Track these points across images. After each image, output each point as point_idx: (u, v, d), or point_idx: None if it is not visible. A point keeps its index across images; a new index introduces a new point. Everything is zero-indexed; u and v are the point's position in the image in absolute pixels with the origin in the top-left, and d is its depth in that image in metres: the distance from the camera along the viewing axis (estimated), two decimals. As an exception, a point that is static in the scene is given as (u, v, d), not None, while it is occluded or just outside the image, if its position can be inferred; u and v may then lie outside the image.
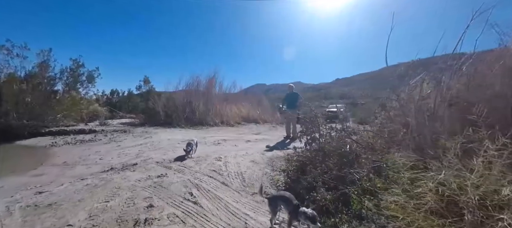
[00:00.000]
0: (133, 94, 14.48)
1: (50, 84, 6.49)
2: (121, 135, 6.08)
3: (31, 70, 6.24)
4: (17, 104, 5.73)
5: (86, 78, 7.56)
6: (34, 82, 6.01)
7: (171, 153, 3.68)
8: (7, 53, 6.02)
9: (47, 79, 6.46)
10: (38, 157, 4.26)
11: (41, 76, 6.21)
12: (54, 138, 5.73)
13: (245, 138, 6.28)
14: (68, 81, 6.82)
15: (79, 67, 7.06)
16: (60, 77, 6.64)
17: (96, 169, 2.96)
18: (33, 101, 5.83)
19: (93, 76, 7.58)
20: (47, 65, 6.49)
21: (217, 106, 10.22)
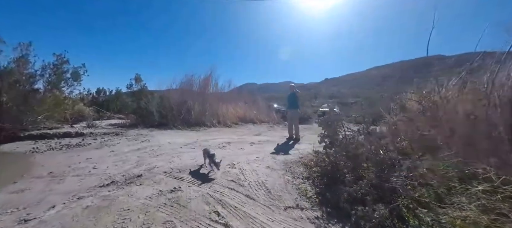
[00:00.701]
0: (121, 93, 13.57)
1: (30, 82, 5.74)
2: (113, 138, 5.50)
3: (7, 66, 5.47)
4: (-11, 105, 4.98)
5: (71, 75, 6.83)
6: (10, 80, 5.26)
7: (177, 160, 3.26)
8: (-24, 46, 5.22)
9: (25, 76, 5.70)
10: (17, 166, 3.65)
11: (18, 73, 5.45)
12: (36, 143, 5.04)
13: (248, 140, 5.93)
14: (51, 78, 6.09)
15: (63, 63, 6.32)
16: (41, 74, 5.90)
17: (93, 182, 2.50)
18: (10, 101, 5.10)
19: (78, 74, 6.86)
20: (26, 60, 5.73)
21: (213, 106, 9.77)
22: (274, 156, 3.87)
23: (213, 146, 4.68)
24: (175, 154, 3.69)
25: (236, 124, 9.83)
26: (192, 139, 5.38)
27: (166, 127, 7.25)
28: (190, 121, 8.30)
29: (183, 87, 10.42)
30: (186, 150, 4.02)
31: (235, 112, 10.98)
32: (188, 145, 4.48)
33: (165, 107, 8.15)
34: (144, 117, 8.07)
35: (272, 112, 12.61)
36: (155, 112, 7.81)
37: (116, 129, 6.86)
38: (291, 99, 6.48)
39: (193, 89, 10.35)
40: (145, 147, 4.32)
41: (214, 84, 10.47)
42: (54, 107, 6.09)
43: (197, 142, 4.98)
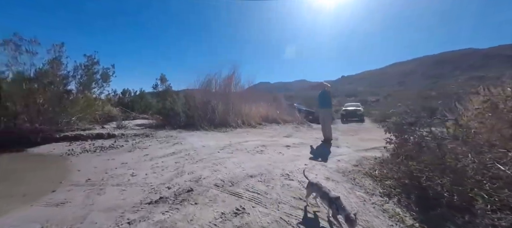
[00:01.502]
0: (145, 94, 13.69)
1: (63, 83, 5.69)
2: (144, 140, 5.28)
3: (41, 67, 5.44)
4: (28, 106, 4.95)
5: (101, 76, 6.76)
6: (45, 81, 5.22)
7: (222, 169, 2.86)
8: (15, 48, 5.22)
9: (59, 77, 5.66)
10: (55, 171, 3.48)
11: (53, 74, 5.41)
12: (70, 145, 4.94)
13: (281, 142, 5.47)
14: (82, 79, 6.03)
15: (94, 64, 6.25)
16: (73, 75, 5.85)
17: (137, 196, 2.16)
18: (46, 103, 5.05)
19: (108, 74, 6.79)
20: (59, 62, 5.70)
21: (236, 106, 9.41)
22: (322, 164, 3.38)
23: (250, 149, 4.27)
24: (216, 160, 3.31)
25: (260, 124, 9.40)
26: (224, 141, 5.02)
27: (193, 128, 6.98)
28: (215, 122, 8.00)
29: (206, 87, 10.17)
30: (226, 155, 3.63)
31: (257, 112, 10.57)
32: (224, 149, 4.10)
33: (191, 107, 7.91)
34: (170, 118, 7.88)
35: (295, 112, 12.04)
36: (181, 112, 7.59)
37: (144, 130, 6.70)
38: (323, 98, 5.94)
39: (216, 89, 10.06)
40: (180, 151, 4.00)
41: (236, 83, 10.07)
42: (86, 108, 6.03)
43: (232, 145, 4.60)
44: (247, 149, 4.22)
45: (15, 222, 1.87)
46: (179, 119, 7.61)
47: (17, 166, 3.79)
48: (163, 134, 5.76)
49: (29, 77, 5.31)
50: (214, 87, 10.02)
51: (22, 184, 2.90)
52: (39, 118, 5.00)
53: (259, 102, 11.50)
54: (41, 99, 5.09)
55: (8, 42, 5.09)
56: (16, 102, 4.95)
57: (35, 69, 5.30)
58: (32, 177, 3.23)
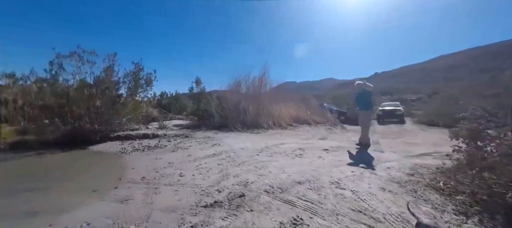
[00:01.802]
0: (179, 95, 14.59)
1: (115, 88, 6.33)
2: (184, 140, 5.58)
3: (98, 75, 6.13)
4: (88, 109, 5.62)
5: (145, 81, 7.35)
6: (102, 87, 5.86)
7: (267, 173, 2.83)
8: (78, 59, 5.97)
9: (112, 83, 6.30)
10: (113, 167, 3.85)
11: (107, 81, 6.05)
12: (122, 144, 5.47)
13: (317, 145, 5.25)
14: (131, 85, 6.63)
15: (139, 70, 6.83)
16: (123, 81, 6.47)
17: (191, 198, 2.24)
18: (102, 106, 5.67)
19: (151, 79, 7.35)
20: (112, 69, 6.35)
21: (267, 107, 9.37)
22: (371, 171, 3.11)
23: (288, 152, 4.16)
24: (258, 164, 3.29)
25: (290, 126, 9.22)
26: (259, 143, 5.01)
27: (226, 129, 7.15)
28: (247, 123, 8.08)
29: (236, 88, 10.33)
30: (266, 159, 3.60)
31: (287, 113, 10.38)
32: (263, 152, 4.08)
33: (224, 108, 8.12)
34: (205, 119, 8.21)
35: (326, 112, 11.53)
36: (215, 114, 7.84)
37: (183, 130, 7.09)
38: (363, 98, 5.45)
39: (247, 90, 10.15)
40: (220, 153, 4.09)
41: (267, 83, 10.01)
42: (133, 110, 6.62)
43: (269, 147, 4.56)
44: (286, 153, 4.12)
45: (91, 216, 2.08)
46: (213, 120, 7.88)
47: (84, 162, 4.31)
48: (201, 135, 6.01)
49: (89, 83, 6.02)
50: (245, 88, 10.14)
51: (90, 180, 3.26)
52: (97, 120, 5.64)
53: (287, 102, 11.30)
54: (99, 103, 5.72)
55: (73, 54, 5.84)
56: (80, 106, 5.65)
57: (94, 77, 6.00)
58: (97, 173, 3.63)
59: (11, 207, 2.34)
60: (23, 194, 2.74)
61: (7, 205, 2.41)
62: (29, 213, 2.24)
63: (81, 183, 3.19)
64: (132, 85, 6.73)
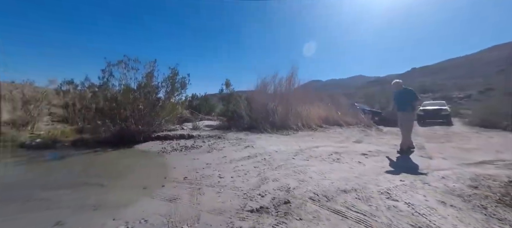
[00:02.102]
0: (208, 97, 15.20)
1: (155, 92, 6.83)
2: (217, 141, 5.77)
3: (141, 80, 6.68)
4: (133, 111, 6.16)
5: (180, 84, 7.78)
6: (144, 91, 6.37)
7: (307, 179, 2.75)
8: (124, 67, 6.58)
9: (152, 87, 6.81)
10: (158, 166, 4.14)
11: (149, 85, 6.56)
12: (162, 143, 5.89)
13: (353, 149, 4.94)
14: (168, 88, 7.09)
15: (175, 75, 7.27)
16: (162, 85, 6.95)
17: (234, 201, 2.28)
18: (145, 109, 6.17)
19: (185, 83, 7.76)
20: (152, 75, 6.86)
21: (295, 108, 9.18)
22: (422, 181, 2.80)
23: (324, 156, 4.00)
24: (295, 168, 3.23)
25: (320, 127, 8.89)
26: (292, 146, 4.92)
27: (256, 130, 7.20)
28: (275, 124, 8.02)
29: (263, 88, 10.33)
30: (303, 163, 3.51)
31: (316, 114, 10.04)
32: (298, 156, 4.00)
33: (253, 109, 8.19)
34: (234, 120, 8.40)
35: (358, 113, 10.86)
36: (245, 115, 7.96)
37: (214, 131, 7.35)
38: (403, 97, 4.91)
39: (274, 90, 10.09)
40: (255, 155, 4.12)
41: (295, 84, 9.79)
42: (170, 112, 7.07)
43: (303, 150, 4.45)
44: (321, 157, 3.97)
45: (146, 213, 2.25)
46: (242, 121, 8.01)
47: (132, 160, 4.73)
48: (233, 137, 6.15)
49: (133, 88, 6.60)
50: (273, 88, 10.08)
51: (139, 177, 3.55)
52: (140, 121, 6.16)
53: (315, 102, 10.92)
54: (142, 106, 6.23)
55: (120, 62, 6.47)
56: (126, 108, 6.23)
57: (137, 82, 6.55)
58: (144, 171, 3.94)
59: (80, 201, 2.66)
60: (87, 188, 3.10)
61: (77, 198, 2.74)
62: (94, 206, 2.51)
63: (132, 180, 3.49)
64: (169, 89, 7.19)
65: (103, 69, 6.39)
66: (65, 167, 4.25)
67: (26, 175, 3.79)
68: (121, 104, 6.31)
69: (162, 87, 7.01)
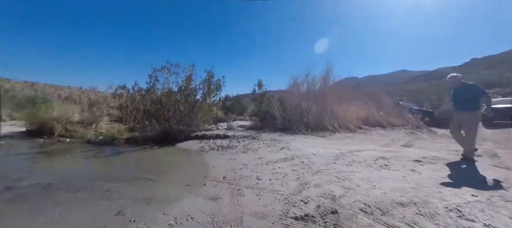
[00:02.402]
0: (240, 97, 15.58)
1: (193, 94, 7.24)
2: (252, 142, 5.81)
3: (181, 83, 7.16)
4: (175, 112, 6.64)
5: (215, 86, 8.09)
6: (184, 94, 6.82)
7: (354, 186, 2.52)
8: (167, 71, 7.15)
9: (191, 90, 7.24)
10: (198, 164, 4.35)
11: (188, 88, 6.98)
12: (200, 142, 6.21)
13: (403, 154, 4.39)
14: (205, 90, 7.45)
15: (211, 77, 7.59)
16: (200, 88, 7.34)
17: (276, 206, 2.22)
18: (185, 110, 6.59)
19: (220, 85, 8.04)
20: (191, 78, 7.30)
21: (331, 107, 8.68)
22: (504, 198, 2.29)
23: (370, 161, 3.64)
24: (338, 173, 3.00)
25: (359, 128, 8.21)
26: (331, 149, 4.63)
27: (290, 131, 7.03)
28: (310, 125, 7.71)
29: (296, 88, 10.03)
30: (345, 168, 3.25)
31: (355, 114, 9.32)
32: (339, 160, 3.73)
33: (286, 110, 8.03)
34: (267, 120, 8.37)
35: (405, 113, 9.71)
36: (278, 115, 7.86)
37: (247, 131, 7.45)
38: (463, 94, 4.08)
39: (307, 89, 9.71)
40: (292, 158, 4.00)
41: (331, 82, 9.25)
42: (207, 112, 7.41)
43: (344, 154, 4.14)
44: (366, 162, 3.62)
45: (192, 210, 2.35)
46: (275, 122, 7.93)
47: (175, 158, 5.08)
48: (267, 137, 6.12)
49: (174, 91, 7.13)
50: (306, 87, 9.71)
51: (182, 174, 3.77)
52: (181, 121, 6.60)
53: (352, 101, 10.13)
54: (182, 107, 6.68)
55: (164, 68, 7.05)
56: (169, 110, 6.76)
57: (178, 85, 7.06)
58: (186, 168, 4.18)
59: (135, 193, 2.93)
60: (139, 182, 3.41)
61: (132, 191, 3.04)
62: (146, 199, 2.74)
63: (176, 176, 3.73)
64: (205, 90, 7.55)
65: (150, 74, 7.06)
66: (121, 162, 4.80)
67: (92, 168, 4.40)
68: (165, 106, 6.88)
69: (199, 89, 7.40)
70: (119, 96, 10.73)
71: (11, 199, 2.65)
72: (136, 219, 2.15)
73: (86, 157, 5.07)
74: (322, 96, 8.73)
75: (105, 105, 9.36)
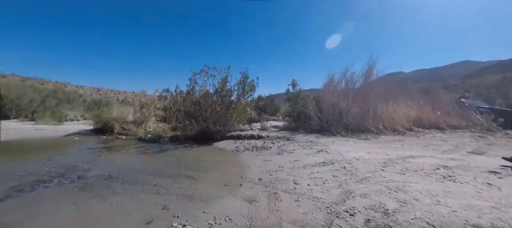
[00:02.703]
0: (273, 97, 15.46)
1: (229, 95, 7.45)
2: (287, 143, 5.65)
3: (217, 85, 7.44)
4: (212, 113, 6.94)
5: (249, 87, 8.17)
6: (221, 95, 7.07)
7: (411, 200, 2.16)
8: (205, 74, 7.52)
9: (227, 91, 7.45)
10: (234, 164, 4.43)
11: (224, 90, 7.22)
12: (235, 142, 6.35)
13: (470, 162, 3.63)
14: (239, 92, 7.60)
15: (245, 78, 7.70)
16: (235, 89, 7.52)
17: (315, 213, 2.05)
18: (221, 110, 6.83)
19: (254, 85, 8.09)
20: (227, 80, 7.52)
21: (374, 107, 7.84)
22: None
23: (427, 170, 3.11)
24: (390, 183, 2.64)
25: (410, 130, 7.21)
26: (378, 154, 4.15)
27: (327, 133, 6.61)
28: (350, 126, 7.11)
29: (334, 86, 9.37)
30: (398, 177, 2.84)
31: (404, 114, 8.22)
32: (389, 167, 3.30)
33: (323, 110, 7.59)
34: (301, 121, 8.07)
35: (470, 113, 8.14)
36: (313, 116, 7.49)
37: (281, 132, 7.31)
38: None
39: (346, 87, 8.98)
40: (331, 162, 3.72)
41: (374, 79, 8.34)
42: (242, 113, 7.54)
43: (393, 160, 3.65)
44: (424, 171, 3.10)
45: (230, 211, 2.36)
46: (311, 123, 7.57)
47: (213, 156, 5.29)
48: (302, 139, 5.88)
49: (211, 93, 7.45)
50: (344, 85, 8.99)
51: (220, 174, 3.87)
52: (218, 122, 6.87)
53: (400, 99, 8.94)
54: (218, 108, 6.93)
55: (202, 71, 7.45)
56: (206, 110, 7.10)
57: (215, 87, 7.36)
58: (223, 168, 4.28)
59: (179, 190, 3.12)
60: (182, 179, 3.63)
61: (176, 187, 3.24)
62: (189, 196, 2.87)
63: (214, 175, 3.85)
64: (240, 91, 7.69)
65: (190, 78, 7.55)
66: (166, 158, 5.23)
67: (143, 163, 4.91)
68: (203, 107, 7.26)
69: (234, 91, 7.58)
70: (163, 98, 11.87)
71: (82, 187, 3.12)
72: (179, 215, 2.27)
73: (137, 153, 5.70)
74: (364, 95, 7.96)
75: (152, 106, 10.43)
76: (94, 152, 5.60)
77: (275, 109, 14.47)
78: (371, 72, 8.21)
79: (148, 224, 2.13)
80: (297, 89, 10.44)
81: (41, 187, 3.14)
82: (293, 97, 10.39)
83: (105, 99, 20.17)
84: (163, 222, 2.14)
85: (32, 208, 2.47)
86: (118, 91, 35.00)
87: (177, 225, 2.06)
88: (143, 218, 2.23)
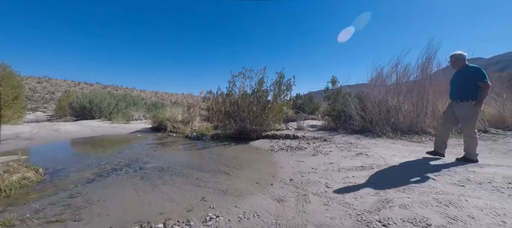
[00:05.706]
0: (312, 95, 14.90)
1: (265, 95, 7.61)
2: (323, 144, 5.44)
3: (254, 86, 7.70)
4: (249, 113, 7.23)
5: (285, 87, 8.14)
6: (257, 95, 7.30)
7: (463, 217, 1.85)
8: (242, 76, 7.89)
9: (263, 92, 7.64)
10: (267, 163, 4.55)
11: (260, 90, 7.42)
12: (270, 142, 6.47)
13: None
14: (275, 92, 7.67)
15: (282, 78, 7.72)
16: (271, 89, 7.64)
17: (343, 219, 1.98)
18: (257, 110, 7.05)
19: (290, 85, 8.03)
20: (263, 80, 7.71)
21: (437, 104, 6.68)
22: None
23: (501, 185, 2.53)
24: (439, 194, 2.29)
25: (484, 132, 5.88)
26: (431, 160, 3.59)
27: (371, 134, 6.03)
28: (400, 127, 6.29)
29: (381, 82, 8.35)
30: (452, 189, 2.43)
31: (476, 112, 6.71)
32: (443, 176, 2.83)
33: (367, 109, 6.94)
34: (342, 121, 7.57)
35: None
36: (355, 114, 6.93)
37: (319, 132, 7.04)
38: (460, 80, 3.19)
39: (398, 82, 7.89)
40: (371, 167, 3.43)
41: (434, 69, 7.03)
42: (277, 113, 7.60)
43: (451, 170, 3.10)
44: (492, 184, 2.54)
45: (258, 208, 2.49)
46: (352, 122, 7.03)
47: (248, 155, 5.55)
48: (341, 140, 5.54)
49: (248, 94, 7.76)
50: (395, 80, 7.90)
51: (252, 171, 4.05)
52: (254, 121, 7.12)
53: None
54: (255, 108, 7.18)
55: (240, 73, 7.85)
56: (244, 111, 7.44)
57: (252, 88, 7.64)
58: (256, 166, 4.45)
59: (216, 184, 3.45)
60: (219, 175, 3.97)
61: (214, 181, 3.58)
62: (223, 191, 3.15)
63: (248, 173, 4.06)
64: (276, 92, 7.76)
65: (229, 80, 8.06)
66: (207, 155, 5.76)
67: (188, 158, 5.55)
68: (240, 107, 7.64)
69: (270, 91, 7.70)
70: (207, 99, 12.96)
71: (142, 176, 3.79)
72: (214, 207, 2.54)
73: (185, 149, 6.45)
74: (420, 89, 6.87)
75: (197, 107, 11.55)
76: (151, 147, 6.61)
77: (314, 108, 13.93)
78: (430, 63, 6.99)
79: (189, 211, 2.47)
80: (337, 86, 9.79)
81: (114, 174, 3.96)
82: (332, 95, 9.80)
83: (161, 101, 23.29)
84: (201, 212, 2.44)
85: (106, 190, 3.17)
86: (171, 93, 39.90)
87: (212, 215, 2.31)
88: (185, 206, 2.59)
